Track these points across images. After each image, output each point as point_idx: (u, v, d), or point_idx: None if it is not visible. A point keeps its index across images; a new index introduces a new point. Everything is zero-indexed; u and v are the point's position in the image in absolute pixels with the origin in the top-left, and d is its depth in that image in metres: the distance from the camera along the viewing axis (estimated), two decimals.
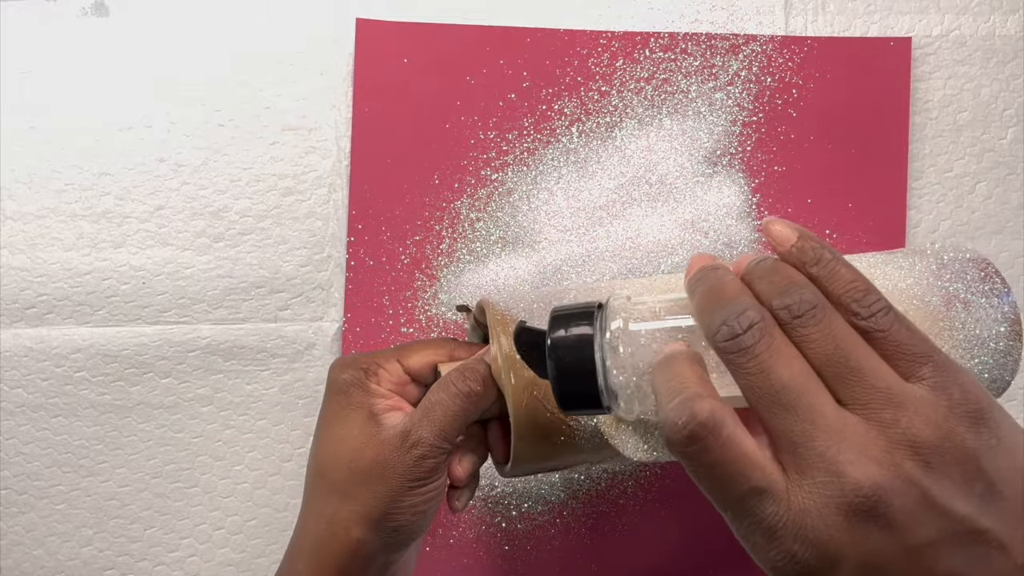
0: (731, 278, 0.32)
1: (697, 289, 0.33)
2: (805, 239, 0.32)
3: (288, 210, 0.57)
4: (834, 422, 0.28)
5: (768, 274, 0.32)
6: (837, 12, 0.59)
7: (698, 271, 0.34)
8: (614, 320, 0.35)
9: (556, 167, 0.57)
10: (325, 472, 0.44)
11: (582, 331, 0.36)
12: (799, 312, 0.30)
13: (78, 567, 0.56)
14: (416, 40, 0.57)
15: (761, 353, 0.29)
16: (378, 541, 0.42)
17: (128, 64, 0.56)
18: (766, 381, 0.29)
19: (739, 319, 0.30)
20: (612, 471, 0.57)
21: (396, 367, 0.46)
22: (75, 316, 0.55)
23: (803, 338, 0.30)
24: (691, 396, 0.29)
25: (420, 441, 0.42)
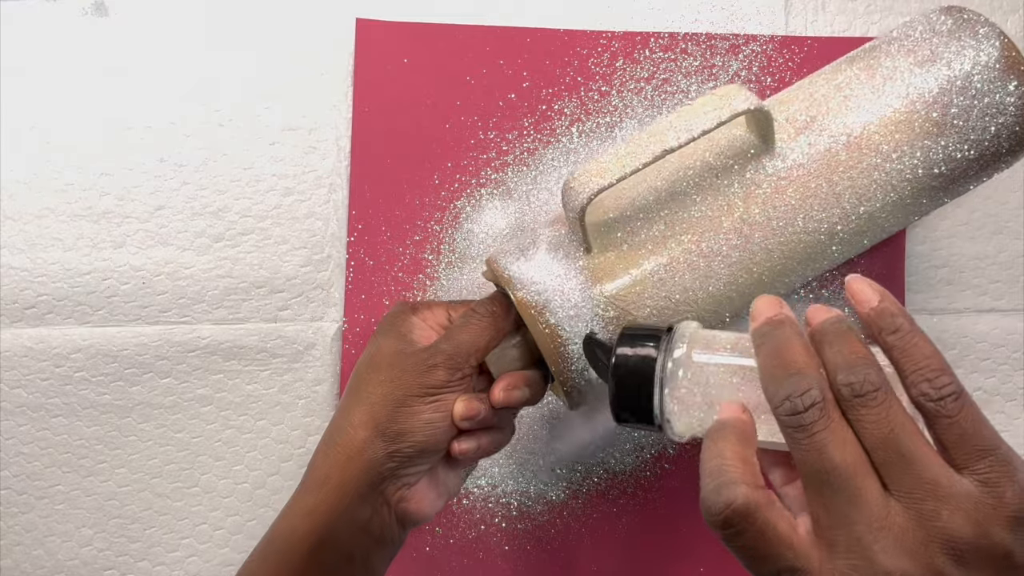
0: (798, 341, 0.33)
1: (763, 347, 0.33)
2: (885, 305, 0.33)
3: (288, 210, 0.57)
4: (876, 509, 0.29)
5: (838, 341, 0.32)
6: (837, 12, 0.59)
7: (765, 324, 0.34)
8: (679, 347, 0.37)
9: (556, 167, 0.57)
10: (354, 378, 0.46)
11: (646, 352, 0.37)
12: (861, 392, 0.30)
13: (78, 567, 0.56)
14: (416, 40, 0.57)
15: (818, 432, 0.30)
16: (382, 445, 0.43)
17: (128, 64, 0.56)
18: (818, 459, 0.30)
19: (802, 397, 0.30)
20: (612, 471, 0.57)
21: (442, 312, 0.48)
22: (75, 316, 0.55)
23: (860, 418, 0.30)
24: (728, 482, 0.30)
25: (437, 352, 0.44)
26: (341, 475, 0.43)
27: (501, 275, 0.44)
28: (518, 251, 0.45)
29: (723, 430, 0.33)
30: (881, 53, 0.46)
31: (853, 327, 0.33)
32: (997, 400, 0.58)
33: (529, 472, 0.56)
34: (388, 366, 0.44)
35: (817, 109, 0.45)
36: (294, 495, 0.45)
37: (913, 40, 0.45)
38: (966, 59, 0.44)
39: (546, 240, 0.45)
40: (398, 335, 0.46)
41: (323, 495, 0.43)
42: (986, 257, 0.59)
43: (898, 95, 0.44)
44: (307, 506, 0.43)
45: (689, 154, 0.45)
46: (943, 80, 0.44)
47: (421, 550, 0.56)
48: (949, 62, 0.44)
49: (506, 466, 0.56)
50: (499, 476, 0.56)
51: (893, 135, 0.44)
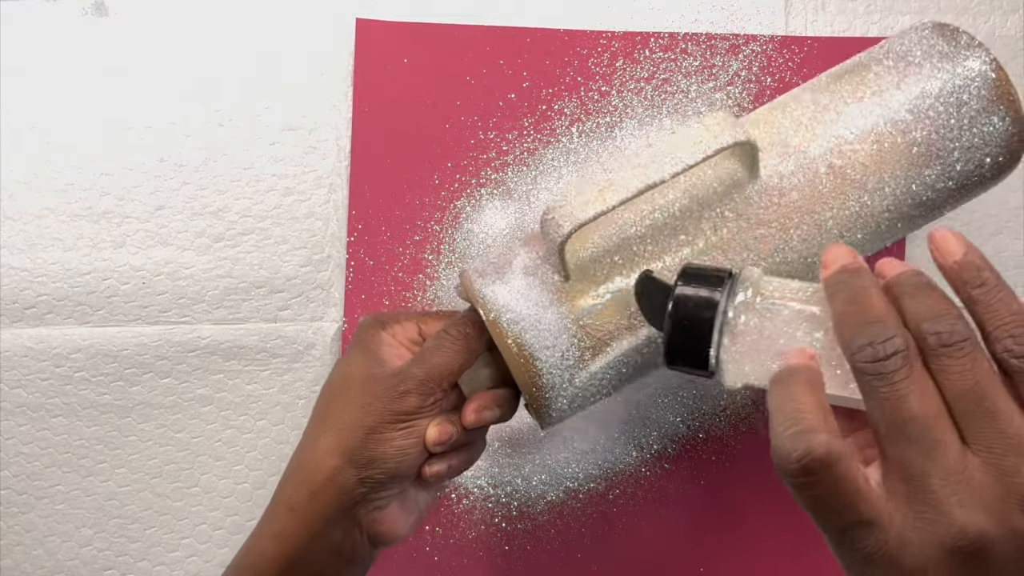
0: (876, 291, 0.32)
1: (839, 294, 0.32)
2: (971, 258, 0.32)
3: (288, 210, 0.57)
4: (954, 462, 0.28)
5: (919, 292, 0.31)
6: (837, 12, 0.59)
7: (839, 272, 0.33)
8: (743, 291, 0.36)
9: (556, 167, 0.57)
10: (321, 400, 0.45)
11: (708, 294, 0.36)
12: (948, 341, 0.30)
13: (78, 567, 0.56)
14: (416, 40, 0.57)
15: (899, 381, 0.29)
16: (353, 472, 0.42)
17: (128, 64, 0.56)
18: (896, 409, 0.29)
19: (884, 344, 0.30)
20: (611, 471, 0.57)
21: (413, 327, 0.47)
22: (75, 316, 0.55)
23: (944, 368, 0.29)
24: (807, 429, 0.29)
25: (408, 377, 0.43)
26: (312, 502, 0.42)
27: (476, 298, 0.44)
28: (493, 272, 0.44)
29: (795, 375, 0.32)
30: (870, 73, 0.45)
31: (930, 281, 0.32)
32: None
33: (529, 472, 0.56)
34: (358, 390, 0.43)
35: (802, 135, 0.44)
36: (263, 517, 0.44)
37: (904, 61, 0.44)
38: (957, 87, 0.43)
39: (522, 263, 0.44)
40: (368, 353, 0.45)
41: (293, 520, 0.42)
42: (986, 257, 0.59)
43: (885, 121, 0.43)
44: (277, 529, 0.43)
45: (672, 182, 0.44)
46: (932, 109, 0.43)
47: (421, 550, 0.56)
48: (939, 90, 0.43)
49: (506, 466, 0.56)
50: (499, 476, 0.56)
51: (878, 166, 0.43)
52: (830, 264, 0.34)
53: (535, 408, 0.44)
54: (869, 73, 0.45)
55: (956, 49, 0.44)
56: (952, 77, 0.43)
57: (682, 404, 0.56)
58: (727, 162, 0.44)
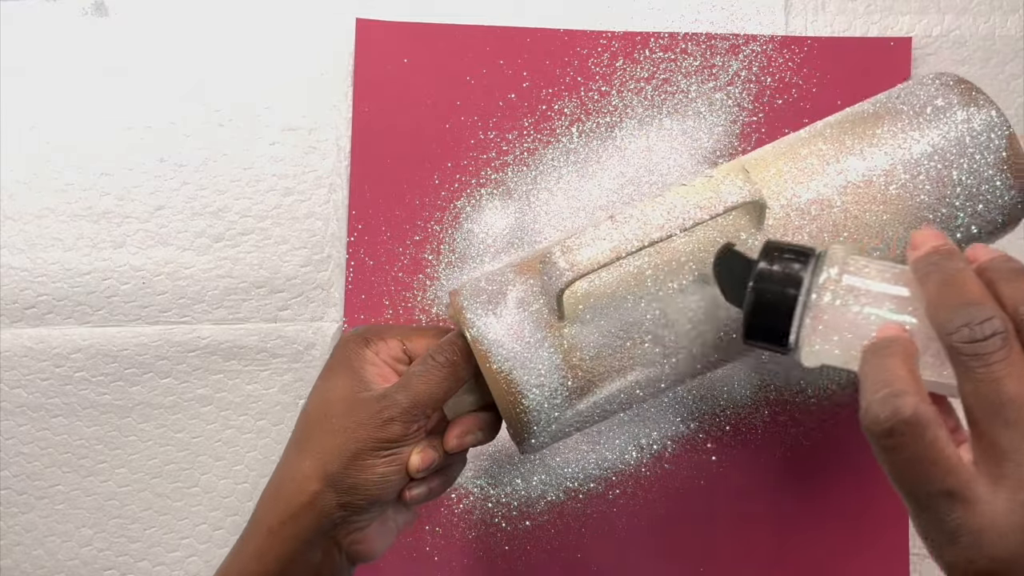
0: (971, 274, 0.32)
1: (932, 275, 0.32)
2: None
3: (288, 210, 0.57)
4: None
5: (1016, 278, 0.31)
6: (837, 12, 0.59)
7: (930, 253, 0.33)
8: (830, 268, 0.35)
9: (556, 167, 0.57)
10: (303, 420, 0.45)
11: (792, 269, 0.36)
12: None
13: (78, 567, 0.56)
14: (416, 40, 0.57)
15: (996, 363, 0.29)
16: (334, 497, 0.42)
17: (128, 64, 0.56)
18: (994, 391, 0.29)
19: (983, 326, 0.29)
20: (612, 471, 0.57)
21: (396, 344, 0.46)
22: (75, 316, 0.55)
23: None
24: (898, 391, 0.30)
25: (393, 404, 0.42)
26: (292, 524, 0.42)
27: (467, 327, 0.43)
28: (486, 300, 0.44)
29: (890, 345, 0.32)
30: (881, 128, 0.43)
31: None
32: None
33: (529, 472, 0.56)
34: (341, 414, 0.42)
35: (808, 188, 0.43)
36: (242, 537, 0.44)
37: (918, 118, 0.43)
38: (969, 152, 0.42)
39: (517, 296, 0.44)
40: (351, 373, 0.44)
41: (273, 541, 0.42)
42: None
43: (893, 180, 0.42)
44: (256, 550, 0.43)
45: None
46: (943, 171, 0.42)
47: (421, 550, 0.56)
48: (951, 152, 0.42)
49: (506, 466, 0.56)
50: (499, 476, 0.56)
51: (882, 225, 0.42)
52: (920, 245, 0.34)
53: (518, 440, 0.44)
54: (880, 128, 0.43)
55: (973, 112, 0.42)
56: (966, 142, 0.42)
57: (682, 404, 0.56)
58: (732, 214, 0.43)
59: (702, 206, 0.40)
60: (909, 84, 0.46)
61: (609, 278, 0.43)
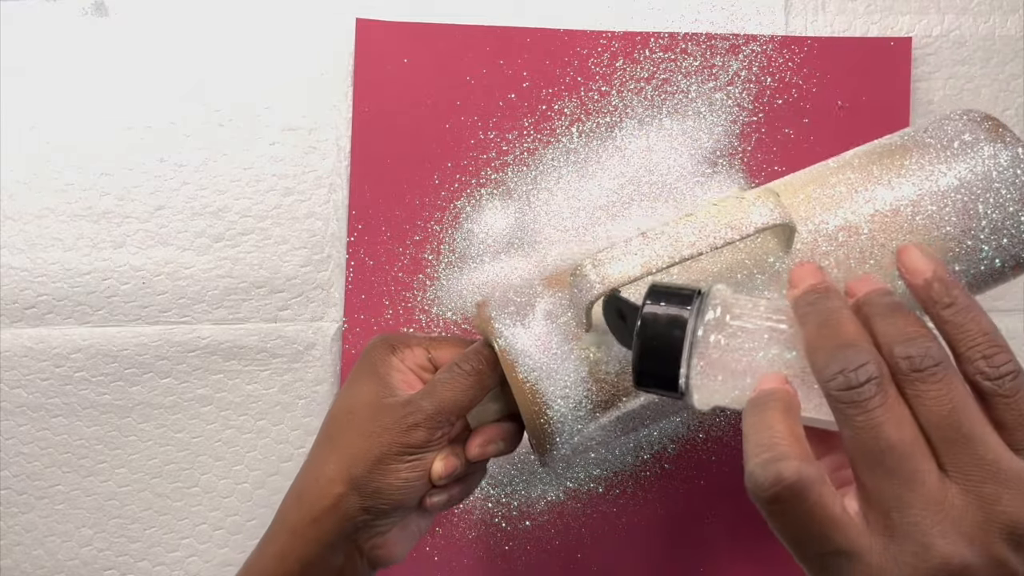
0: (848, 314, 0.31)
1: (809, 317, 0.32)
2: (939, 276, 0.31)
3: (288, 210, 0.57)
4: (934, 492, 0.28)
5: (890, 314, 0.30)
6: (837, 12, 0.59)
7: (808, 292, 0.32)
8: (712, 309, 0.35)
9: (556, 167, 0.57)
10: (329, 424, 0.45)
11: (676, 313, 0.35)
12: (921, 366, 0.29)
13: (78, 567, 0.56)
14: (416, 40, 0.57)
15: (874, 409, 0.28)
16: (357, 500, 0.42)
17: (128, 64, 0.56)
18: (873, 438, 0.28)
19: (857, 372, 0.29)
20: (612, 471, 0.57)
21: (422, 353, 0.47)
22: (75, 316, 0.55)
23: (918, 394, 0.29)
24: (779, 456, 0.29)
25: (418, 410, 0.42)
26: (315, 527, 0.42)
27: (494, 337, 0.43)
28: (514, 311, 0.44)
29: (769, 400, 0.31)
30: (909, 159, 0.44)
31: (902, 300, 0.31)
32: None
33: (529, 472, 0.56)
34: (367, 418, 0.43)
35: (836, 215, 0.43)
36: (265, 537, 0.44)
37: (946, 151, 0.44)
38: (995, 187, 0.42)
39: (544, 308, 0.44)
40: (377, 379, 0.44)
41: (296, 543, 0.42)
42: None
43: (920, 211, 0.42)
44: (279, 551, 0.43)
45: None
46: (969, 204, 0.42)
47: (421, 550, 0.56)
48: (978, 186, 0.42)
49: (506, 467, 0.56)
50: (499, 476, 0.56)
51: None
52: (797, 283, 0.33)
53: (539, 451, 0.44)
54: (908, 160, 0.44)
55: (1000, 148, 0.43)
56: (992, 176, 0.42)
57: None
58: (762, 237, 0.43)
59: (733, 226, 0.40)
60: (937, 119, 0.46)
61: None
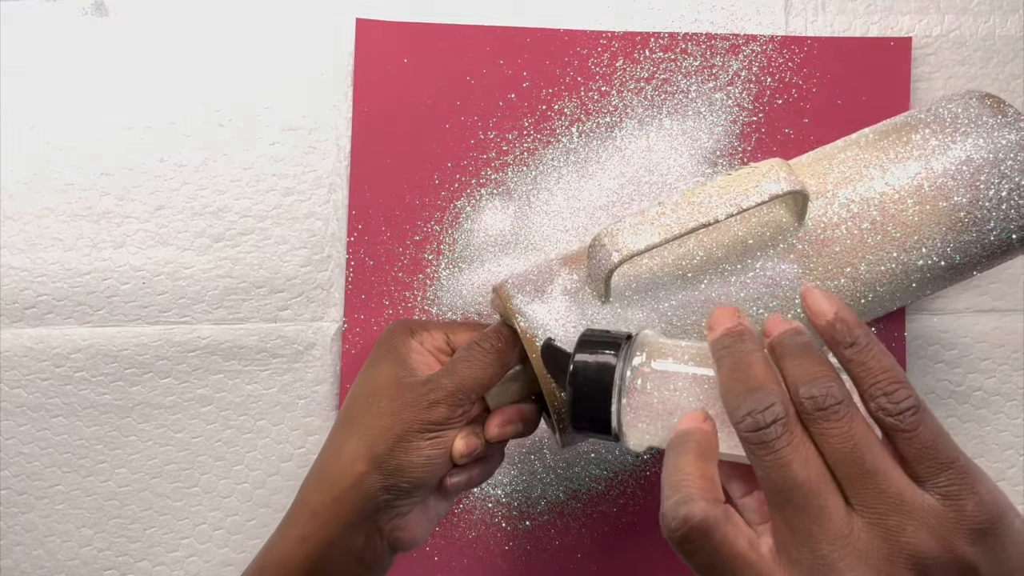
0: (758, 356, 0.32)
1: (723, 361, 0.33)
2: (841, 317, 0.32)
3: (288, 210, 0.57)
4: (840, 526, 0.29)
5: (799, 354, 0.32)
6: (837, 12, 0.59)
7: (724, 336, 0.34)
8: (638, 355, 0.36)
9: (556, 167, 0.57)
10: (349, 405, 0.45)
11: (605, 359, 0.37)
12: (823, 405, 0.30)
13: (78, 567, 0.56)
14: (416, 40, 0.57)
15: (781, 449, 0.30)
16: (379, 478, 0.42)
17: (128, 64, 0.56)
18: (781, 476, 0.29)
19: (764, 413, 0.30)
20: (612, 471, 0.57)
21: (442, 337, 0.47)
22: (75, 316, 0.55)
23: (822, 432, 0.30)
24: (686, 498, 0.30)
25: (438, 387, 0.43)
26: (335, 507, 0.42)
27: (513, 314, 0.44)
28: (532, 290, 0.45)
29: (684, 443, 0.32)
30: (916, 135, 0.45)
31: (812, 340, 0.33)
32: (997, 400, 0.58)
33: (529, 472, 0.56)
34: (387, 397, 0.43)
35: (848, 189, 0.45)
36: (285, 520, 0.44)
37: (951, 127, 0.45)
38: (1000, 159, 0.43)
39: (563, 284, 0.44)
40: (397, 360, 0.45)
41: (316, 524, 0.43)
42: None
43: (929, 184, 0.44)
44: (300, 534, 0.43)
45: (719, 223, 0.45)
46: (974, 177, 0.44)
47: (421, 550, 0.56)
48: (983, 159, 0.44)
49: (506, 466, 0.56)
50: (499, 476, 0.56)
51: (919, 226, 0.44)
52: (715, 327, 0.34)
53: (561, 428, 0.45)
54: (915, 135, 0.45)
55: (1002, 121, 0.44)
56: (997, 148, 0.44)
57: None
58: (775, 207, 0.45)
59: (747, 193, 0.41)
60: (939, 99, 0.48)
61: (653, 264, 0.44)
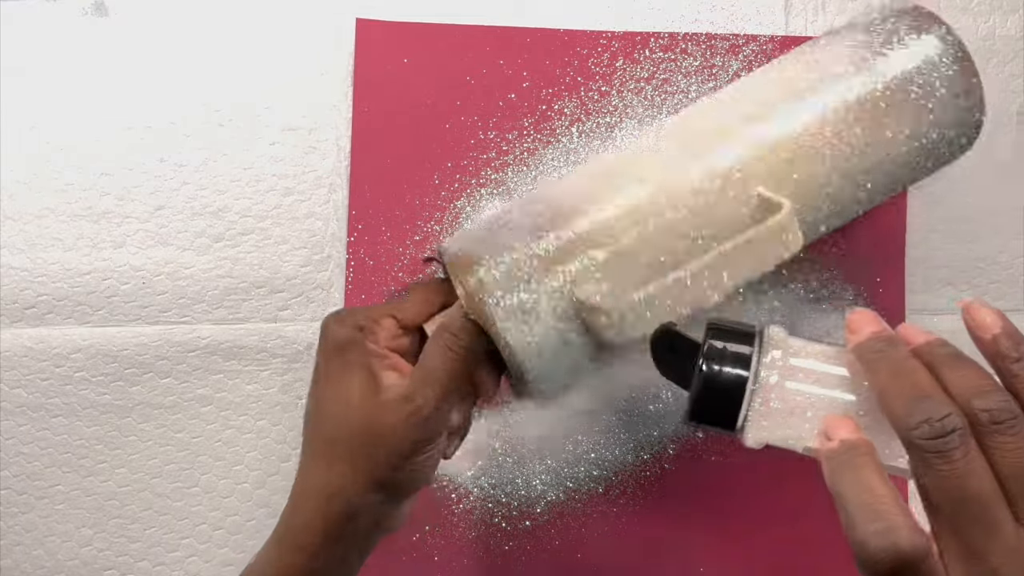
0: (918, 364, 0.32)
1: (879, 365, 0.33)
2: (1008, 331, 0.32)
3: (288, 210, 0.57)
4: (1012, 541, 0.29)
5: (959, 365, 0.32)
6: (837, 12, 0.59)
7: (873, 339, 0.33)
8: (774, 349, 0.35)
9: (556, 167, 0.57)
10: (327, 436, 0.43)
11: (740, 350, 0.35)
12: (1000, 419, 0.30)
13: (78, 567, 0.56)
14: (416, 40, 0.57)
15: (958, 460, 0.29)
16: (378, 500, 0.42)
17: (128, 64, 0.56)
18: (957, 488, 0.29)
19: (943, 422, 0.30)
20: (612, 471, 0.57)
21: (391, 323, 0.45)
22: (75, 316, 0.55)
23: (998, 446, 0.30)
24: (893, 526, 0.29)
25: (424, 404, 0.41)
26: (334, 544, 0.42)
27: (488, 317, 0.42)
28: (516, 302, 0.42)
29: (860, 456, 0.32)
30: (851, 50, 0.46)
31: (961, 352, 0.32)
32: None
33: (529, 472, 0.56)
34: (370, 421, 0.41)
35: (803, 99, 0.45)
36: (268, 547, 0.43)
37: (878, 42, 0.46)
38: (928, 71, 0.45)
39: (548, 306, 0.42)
40: (362, 374, 0.42)
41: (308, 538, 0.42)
42: (986, 257, 0.59)
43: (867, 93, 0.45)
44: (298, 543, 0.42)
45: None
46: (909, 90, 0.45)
47: (421, 550, 0.56)
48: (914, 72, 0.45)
49: (506, 466, 0.56)
50: (499, 476, 0.56)
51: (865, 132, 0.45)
52: (858, 330, 0.34)
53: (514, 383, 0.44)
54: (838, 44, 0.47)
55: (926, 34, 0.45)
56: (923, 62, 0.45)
57: (683, 404, 0.56)
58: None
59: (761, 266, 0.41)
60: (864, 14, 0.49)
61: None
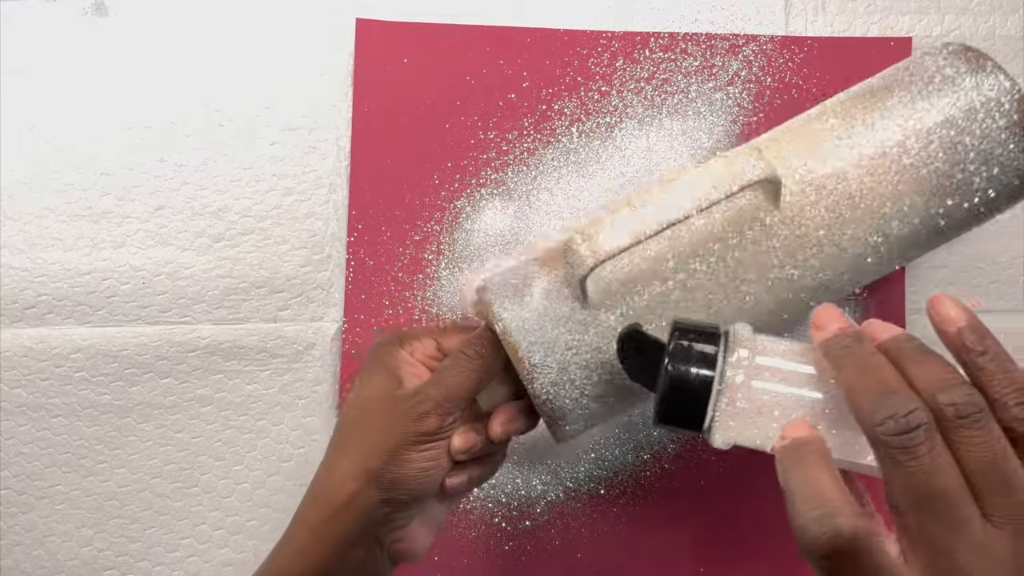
0: (883, 360, 0.32)
1: (845, 361, 0.32)
2: (972, 325, 0.32)
3: (288, 210, 0.57)
4: (979, 537, 0.29)
5: (925, 360, 0.31)
6: (837, 12, 0.59)
7: (839, 336, 0.33)
8: (740, 349, 0.35)
9: (556, 167, 0.57)
10: (341, 423, 0.46)
11: (705, 350, 0.34)
12: (965, 413, 0.29)
13: (78, 567, 0.56)
14: (416, 40, 0.57)
15: (924, 455, 0.29)
16: (376, 493, 0.42)
17: (128, 64, 0.56)
18: (923, 484, 0.29)
19: (908, 418, 0.29)
20: (612, 471, 0.57)
21: (432, 344, 0.47)
22: (75, 316, 0.55)
23: (963, 441, 0.29)
24: (833, 511, 0.29)
25: (426, 398, 0.43)
26: (332, 524, 0.42)
27: (494, 319, 0.44)
28: (512, 293, 0.44)
29: (807, 452, 0.32)
30: (892, 99, 0.44)
31: (927, 347, 0.32)
32: None
33: (529, 472, 0.56)
34: (378, 412, 0.43)
35: (820, 164, 0.43)
36: (284, 538, 0.44)
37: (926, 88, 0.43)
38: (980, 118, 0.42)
39: (542, 287, 0.44)
40: (386, 373, 0.44)
41: (314, 539, 0.42)
42: (986, 257, 0.59)
43: (907, 151, 0.43)
44: (299, 547, 0.43)
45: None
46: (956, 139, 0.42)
47: None
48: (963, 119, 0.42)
49: (506, 466, 0.56)
50: (499, 476, 0.56)
51: (900, 195, 0.43)
52: (824, 326, 0.34)
53: (552, 427, 0.45)
54: (890, 99, 0.44)
55: (982, 77, 0.43)
56: (976, 105, 0.42)
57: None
58: (748, 193, 0.44)
59: (717, 185, 0.40)
60: (917, 56, 0.46)
61: (629, 261, 0.44)
